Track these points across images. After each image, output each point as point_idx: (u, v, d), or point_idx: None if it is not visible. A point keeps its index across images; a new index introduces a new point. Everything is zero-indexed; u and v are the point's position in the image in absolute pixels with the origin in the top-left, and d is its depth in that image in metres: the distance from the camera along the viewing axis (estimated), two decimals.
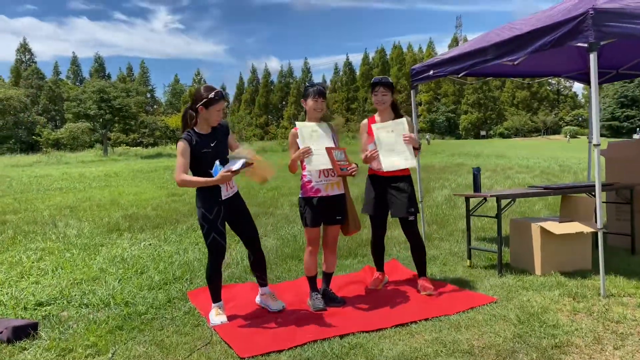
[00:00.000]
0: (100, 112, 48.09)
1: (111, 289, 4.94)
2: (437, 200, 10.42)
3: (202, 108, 3.92)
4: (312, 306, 4.32)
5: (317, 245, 4.35)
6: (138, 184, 16.91)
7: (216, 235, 4.00)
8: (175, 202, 11.60)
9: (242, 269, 5.62)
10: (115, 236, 7.81)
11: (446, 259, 5.74)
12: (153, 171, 22.31)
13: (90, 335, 3.76)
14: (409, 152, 4.43)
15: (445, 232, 7.26)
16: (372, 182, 4.70)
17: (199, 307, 4.39)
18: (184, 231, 8.01)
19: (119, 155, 46.56)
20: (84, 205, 11.53)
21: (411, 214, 4.59)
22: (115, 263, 6.01)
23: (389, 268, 5.39)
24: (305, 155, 4.12)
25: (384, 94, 4.60)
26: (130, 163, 33.27)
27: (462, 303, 4.16)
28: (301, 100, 4.44)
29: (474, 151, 32.25)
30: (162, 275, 5.42)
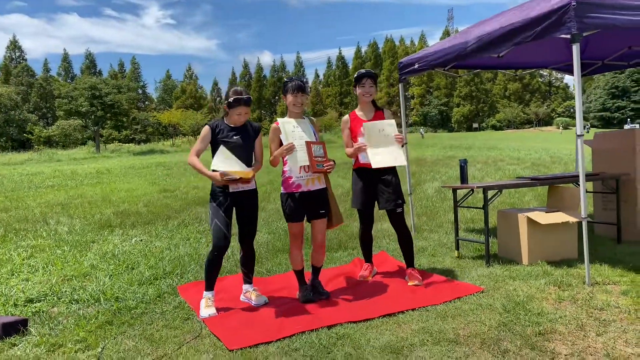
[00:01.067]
0: (91, 109, 47.87)
1: (102, 285, 4.95)
2: (427, 193, 10.48)
3: (226, 107, 4.19)
4: (301, 298, 4.36)
5: (300, 240, 4.38)
6: (130, 180, 16.87)
7: (218, 222, 4.10)
8: (167, 198, 11.59)
9: (234, 262, 5.65)
10: (106, 233, 7.81)
11: (435, 250, 5.79)
12: (145, 168, 22.24)
13: (80, 331, 3.78)
14: (399, 151, 4.49)
15: (435, 224, 7.31)
16: (359, 175, 4.74)
17: (189, 301, 4.41)
18: (175, 227, 8.02)
19: (111, 152, 46.36)
20: (75, 202, 11.51)
21: (398, 205, 4.64)
22: (106, 259, 6.02)
23: (377, 260, 5.44)
24: (289, 152, 4.14)
25: (371, 86, 4.65)
26: (123, 160, 33.15)
27: (449, 293, 4.21)
28: (282, 96, 4.45)
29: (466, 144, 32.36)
30: (153, 270, 5.44)
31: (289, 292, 4.60)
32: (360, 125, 4.64)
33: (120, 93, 50.95)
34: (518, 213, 5.14)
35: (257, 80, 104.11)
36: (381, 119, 4.70)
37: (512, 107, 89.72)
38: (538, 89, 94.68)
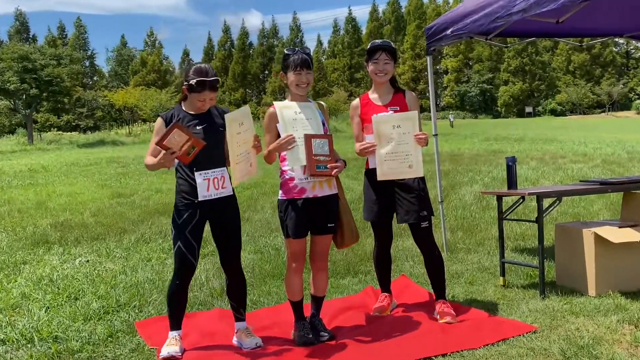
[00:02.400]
0: (22, 86, 48.00)
1: (36, 320, 4.99)
2: (464, 200, 10.52)
3: (185, 89, 4.21)
4: (297, 340, 4.39)
5: (302, 261, 4.42)
6: (73, 181, 16.94)
7: (182, 245, 4.15)
8: (121, 206, 11.65)
9: (209, 292, 5.70)
10: (42, 251, 7.88)
11: (473, 277, 5.83)
12: (93, 164, 22.33)
13: None
14: (417, 157, 4.50)
15: (474, 241, 7.35)
16: (372, 180, 4.77)
17: (150, 342, 4.45)
18: (132, 244, 8.07)
19: (48, 143, 46.60)
20: (1, 211, 11.57)
21: (424, 218, 4.67)
22: (42, 286, 6.07)
23: (397, 288, 5.47)
24: (287, 146, 4.18)
25: (387, 62, 4.68)
26: (63, 153, 33.26)
27: (492, 333, 4.24)
28: (280, 73, 4.49)
29: (516, 134, 32.44)
30: (103, 301, 5.48)
31: (280, 331, 4.65)
32: (371, 113, 4.68)
33: (60, 65, 51.12)
34: (583, 228, 5.16)
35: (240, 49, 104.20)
36: (401, 104, 4.74)
37: (577, 86, 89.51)
38: (612, 62, 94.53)
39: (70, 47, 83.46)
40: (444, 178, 13.74)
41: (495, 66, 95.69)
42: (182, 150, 3.94)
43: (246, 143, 4.12)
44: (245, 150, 4.12)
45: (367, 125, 4.67)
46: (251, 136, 4.16)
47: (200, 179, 4.13)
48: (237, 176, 4.09)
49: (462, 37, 6.07)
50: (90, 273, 6.58)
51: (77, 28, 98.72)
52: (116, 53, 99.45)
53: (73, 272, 6.63)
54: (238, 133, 4.06)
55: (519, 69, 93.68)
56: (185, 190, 4.17)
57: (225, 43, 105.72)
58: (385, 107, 4.72)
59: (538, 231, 5.13)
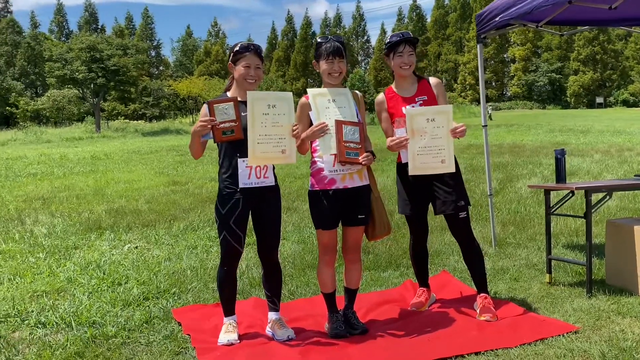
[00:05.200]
0: (90, 75, 49.45)
1: (77, 305, 5.13)
2: (519, 193, 10.26)
3: (231, 65, 4.26)
4: (329, 332, 4.38)
5: (333, 253, 4.40)
6: (132, 168, 17.39)
7: (228, 235, 4.20)
8: (175, 193, 11.88)
9: (247, 281, 5.73)
10: (94, 236, 8.09)
11: (519, 273, 5.67)
12: (153, 152, 22.89)
13: None
14: (449, 152, 4.40)
15: (525, 237, 7.15)
16: (405, 173, 4.67)
17: (186, 329, 4.50)
18: (180, 231, 8.21)
19: (114, 131, 47.93)
20: (60, 196, 11.97)
21: (461, 208, 4.58)
22: (89, 271, 6.24)
23: (438, 283, 5.38)
24: (319, 134, 4.15)
25: (411, 54, 4.59)
26: (127, 142, 34.21)
27: (530, 332, 4.12)
28: (313, 62, 4.46)
29: (583, 125, 31.42)
30: (144, 287, 5.59)
31: (315, 323, 4.64)
32: (399, 107, 4.61)
33: (127, 55, 52.43)
34: (635, 225, 4.94)
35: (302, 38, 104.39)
36: (428, 92, 4.64)
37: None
38: None
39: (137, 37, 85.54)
40: (502, 170, 13.45)
41: (565, 55, 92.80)
42: (221, 125, 3.97)
43: (277, 127, 4.10)
44: (275, 134, 4.09)
45: (397, 120, 4.57)
46: (287, 122, 4.13)
47: (243, 166, 4.15)
48: (255, 155, 4.06)
49: (512, 24, 5.90)
50: (137, 259, 6.72)
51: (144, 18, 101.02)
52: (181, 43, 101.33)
53: (120, 258, 6.79)
54: (265, 114, 4.05)
55: (589, 58, 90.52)
56: (228, 179, 4.19)
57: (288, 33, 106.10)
58: (413, 99, 4.63)
59: (586, 227, 4.95)
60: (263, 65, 4.31)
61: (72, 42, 54.49)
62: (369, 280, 5.70)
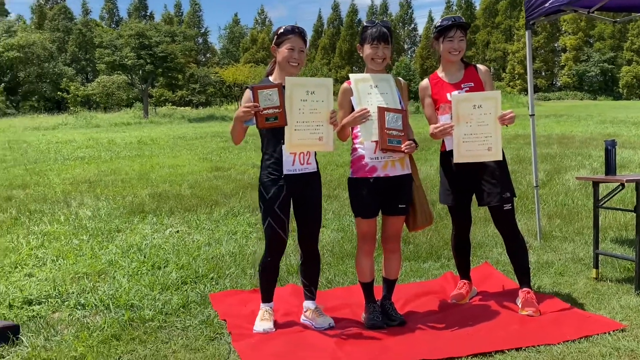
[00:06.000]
0: (139, 61, 50.16)
1: (117, 287, 5.18)
2: (567, 186, 9.98)
3: (274, 48, 4.20)
4: (366, 322, 4.31)
5: (372, 242, 4.34)
6: (177, 154, 17.58)
7: (272, 220, 4.16)
8: (217, 179, 11.94)
9: (285, 268, 5.69)
10: (136, 220, 8.18)
11: (565, 267, 5.50)
12: (198, 138, 23.10)
13: (79, 345, 3.97)
14: (496, 139, 4.26)
15: (572, 230, 6.93)
16: (448, 162, 4.55)
17: (222, 314, 4.50)
18: (221, 216, 8.23)
19: (162, 116, 48.56)
20: (106, 180, 12.17)
21: (506, 200, 4.44)
22: (130, 254, 6.29)
23: (479, 275, 5.25)
24: (360, 120, 4.07)
25: (461, 39, 4.45)
26: (174, 127, 34.65)
27: (574, 329, 3.98)
28: (357, 46, 4.37)
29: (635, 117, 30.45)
30: (183, 272, 5.61)
31: (351, 312, 4.58)
32: (444, 93, 4.47)
33: (174, 42, 52.98)
34: None
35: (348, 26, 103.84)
36: (475, 79, 4.51)
37: None
38: None
39: (185, 24, 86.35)
40: (550, 162, 13.13)
41: (618, 44, 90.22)
42: (265, 111, 3.93)
43: (315, 113, 4.03)
44: (313, 121, 4.02)
45: (442, 106, 4.45)
46: (325, 109, 4.06)
47: (287, 152, 4.10)
48: (292, 142, 4.00)
49: (562, 10, 5.69)
50: (177, 243, 6.76)
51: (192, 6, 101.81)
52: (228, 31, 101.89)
53: (161, 242, 6.84)
54: (303, 100, 3.99)
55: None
56: (271, 165, 4.15)
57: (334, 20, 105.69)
58: (459, 85, 4.49)
59: (636, 221, 4.76)
60: (307, 49, 4.24)
61: (122, 28, 55.41)
62: (408, 271, 5.60)
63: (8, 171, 14.15)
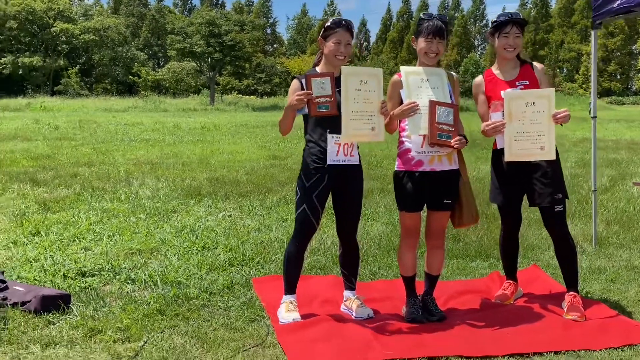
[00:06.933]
0: (208, 49, 51.02)
1: (166, 265, 5.34)
2: (630, 192, 9.65)
3: (322, 40, 4.22)
4: (406, 316, 4.32)
5: (415, 237, 4.34)
6: (237, 141, 17.86)
7: (307, 208, 4.20)
8: (274, 167, 12.08)
9: (330, 258, 5.73)
10: (193, 202, 8.38)
11: (617, 274, 5.34)
12: (259, 127, 23.38)
13: (125, 317, 4.12)
14: (550, 138, 4.18)
15: (630, 237, 6.72)
16: (500, 161, 4.50)
17: (263, 298, 4.59)
18: (273, 203, 8.34)
19: (227, 104, 49.32)
20: (167, 162, 12.49)
21: (558, 201, 4.36)
22: (183, 235, 6.47)
23: (526, 277, 5.16)
24: (409, 113, 4.06)
25: (517, 35, 4.37)
26: (237, 115, 35.16)
27: (618, 336, 3.89)
28: (411, 38, 4.36)
29: None
30: (231, 254, 5.73)
31: (392, 306, 4.59)
32: (498, 90, 4.40)
33: (243, 31, 53.63)
34: None
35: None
36: (530, 77, 4.42)
37: None
38: None
39: (255, 14, 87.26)
40: (615, 167, 12.73)
41: None
42: (318, 99, 3.97)
43: (368, 103, 4.05)
44: (366, 111, 4.04)
45: (494, 103, 4.39)
46: (376, 99, 4.07)
47: (332, 142, 4.13)
48: (348, 132, 4.02)
49: (632, 9, 5.51)
50: (229, 227, 6.90)
51: None
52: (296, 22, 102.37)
53: (214, 225, 6.99)
54: (357, 90, 4.02)
55: None
56: (315, 154, 4.18)
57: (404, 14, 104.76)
58: (513, 83, 4.41)
59: None
60: (354, 42, 4.25)
61: (193, 16, 56.41)
62: (455, 269, 5.56)
63: (77, 149, 14.69)
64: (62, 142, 16.29)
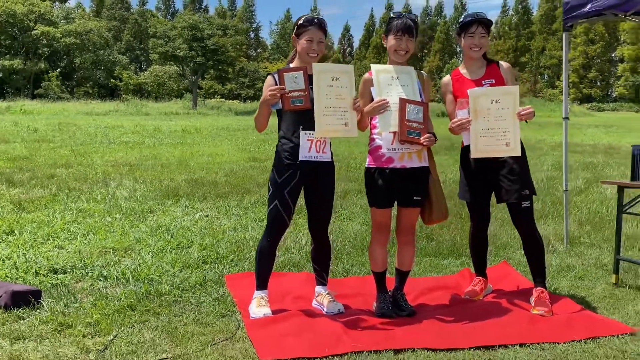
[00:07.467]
0: (191, 53, 50.97)
1: (139, 263, 5.34)
2: (605, 194, 9.80)
3: (295, 38, 4.28)
4: (376, 311, 4.37)
5: (386, 233, 4.39)
6: (218, 143, 17.85)
7: (279, 204, 4.25)
8: (253, 169, 12.10)
9: (304, 256, 5.77)
10: (170, 203, 8.37)
11: (586, 272, 5.44)
12: (240, 130, 23.38)
13: (95, 312, 4.13)
14: (515, 134, 4.26)
15: (601, 237, 6.84)
16: (468, 158, 4.56)
17: (235, 294, 4.62)
18: (251, 204, 8.36)
19: (210, 108, 49.23)
20: (146, 164, 12.46)
21: (524, 198, 4.43)
22: (158, 234, 6.47)
23: (496, 274, 5.24)
24: (379, 110, 4.12)
25: (483, 35, 4.46)
26: (219, 119, 35.12)
27: (582, 330, 3.96)
28: (382, 36, 4.42)
29: None
30: (205, 252, 5.75)
31: (363, 302, 4.63)
32: (465, 89, 4.48)
33: (226, 35, 53.63)
34: None
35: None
36: (496, 76, 4.50)
37: None
38: None
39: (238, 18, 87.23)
40: (591, 170, 12.91)
41: None
42: (291, 93, 4.02)
43: (340, 99, 4.10)
44: (338, 107, 4.09)
45: (460, 101, 4.47)
46: (348, 95, 4.12)
47: (305, 138, 4.18)
48: (321, 128, 4.07)
49: (601, 13, 5.62)
50: (205, 227, 6.91)
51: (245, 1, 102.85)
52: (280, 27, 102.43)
53: (190, 225, 7.00)
54: (329, 86, 4.07)
55: None
56: (288, 150, 4.23)
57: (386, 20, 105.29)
58: (480, 82, 4.50)
59: None
60: (326, 39, 4.30)
61: (176, 20, 56.31)
62: (427, 267, 5.63)
63: (55, 151, 14.60)
64: (41, 144, 16.16)
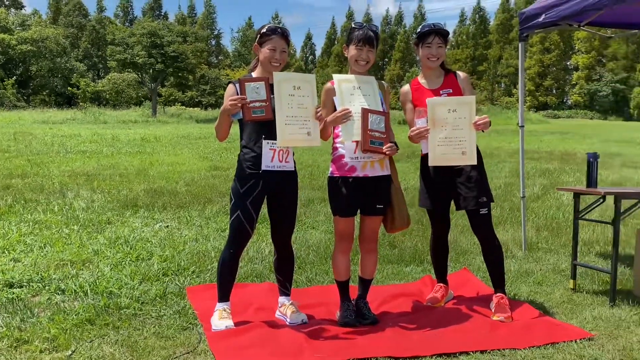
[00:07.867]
0: (150, 60, 50.37)
1: (98, 275, 5.25)
2: (561, 200, 10.00)
3: (257, 47, 4.25)
4: (339, 320, 4.37)
5: (348, 241, 4.40)
6: (178, 152, 17.67)
7: (241, 214, 4.20)
8: (214, 178, 12.02)
9: (267, 266, 5.75)
10: (128, 213, 8.25)
11: (544, 277, 5.54)
12: (201, 138, 23.18)
13: (53, 327, 4.04)
14: (471, 143, 4.32)
15: (557, 243, 6.97)
16: (426, 166, 4.62)
17: (196, 306, 4.57)
18: (212, 214, 8.30)
19: (170, 116, 48.70)
20: (104, 174, 12.26)
21: (482, 205, 4.51)
22: (116, 246, 6.37)
23: (457, 280, 5.30)
24: (342, 120, 4.13)
25: (440, 45, 4.52)
26: (180, 127, 34.74)
27: (542, 335, 4.02)
28: (343, 46, 4.44)
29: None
30: (165, 264, 5.68)
31: (327, 311, 4.63)
32: (424, 98, 4.54)
33: (186, 43, 53.19)
34: None
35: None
36: (454, 86, 4.58)
37: None
38: None
39: (199, 25, 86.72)
40: (548, 176, 13.16)
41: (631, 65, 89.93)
42: (252, 104, 3.99)
43: (302, 109, 4.09)
44: (300, 116, 4.08)
45: (418, 110, 4.53)
46: (310, 104, 4.12)
47: (267, 148, 4.15)
48: (284, 137, 4.04)
49: (556, 23, 5.75)
50: (165, 238, 6.83)
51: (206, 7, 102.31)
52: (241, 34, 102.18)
53: (149, 236, 6.91)
54: (291, 95, 4.06)
55: None
56: (250, 159, 4.19)
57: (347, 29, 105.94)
58: (437, 91, 4.56)
59: (613, 234, 4.79)
60: (289, 49, 4.30)
61: (135, 27, 55.65)
62: (389, 274, 5.66)
63: (10, 161, 14.25)
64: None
